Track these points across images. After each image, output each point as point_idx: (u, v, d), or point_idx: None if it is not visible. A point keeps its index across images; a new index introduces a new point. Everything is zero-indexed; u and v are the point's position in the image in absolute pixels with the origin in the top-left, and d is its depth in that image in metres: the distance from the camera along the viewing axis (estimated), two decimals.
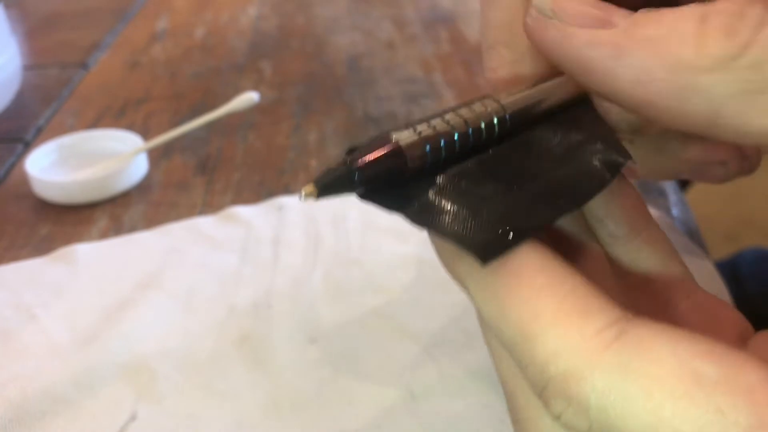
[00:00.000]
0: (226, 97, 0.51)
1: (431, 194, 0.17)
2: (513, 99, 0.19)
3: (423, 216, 0.17)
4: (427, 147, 0.17)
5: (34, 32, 0.74)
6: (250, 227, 0.40)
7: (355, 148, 0.16)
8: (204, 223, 0.41)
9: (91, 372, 0.31)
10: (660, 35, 0.14)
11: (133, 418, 0.29)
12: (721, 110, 0.14)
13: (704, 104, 0.14)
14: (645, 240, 0.20)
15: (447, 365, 0.31)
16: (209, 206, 0.43)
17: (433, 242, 0.18)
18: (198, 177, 0.46)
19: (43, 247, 0.40)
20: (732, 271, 0.59)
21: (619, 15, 0.15)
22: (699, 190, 0.95)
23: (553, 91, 0.20)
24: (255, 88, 0.57)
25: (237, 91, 0.53)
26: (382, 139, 0.16)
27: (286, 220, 0.41)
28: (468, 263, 0.17)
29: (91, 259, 0.38)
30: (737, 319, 0.19)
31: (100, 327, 0.34)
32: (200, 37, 0.70)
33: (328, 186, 0.16)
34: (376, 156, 0.16)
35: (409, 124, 0.17)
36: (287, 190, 0.45)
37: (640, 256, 0.20)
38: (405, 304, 0.35)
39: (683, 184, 0.74)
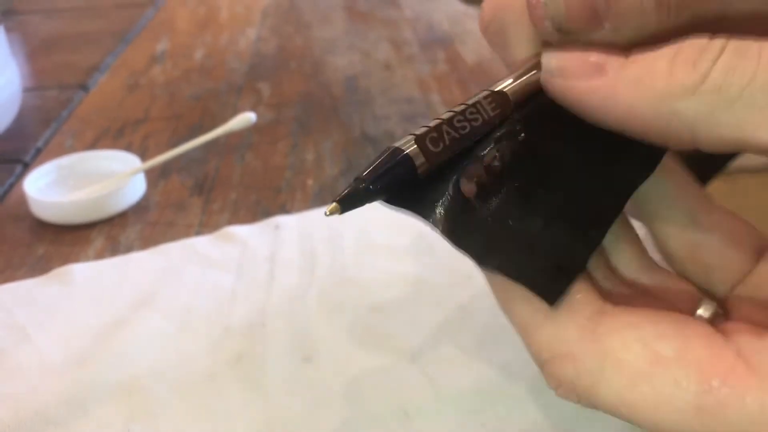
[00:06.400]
0: (224, 118, 0.51)
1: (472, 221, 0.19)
2: (504, 83, 0.20)
3: (476, 252, 0.18)
4: (427, 140, 0.18)
5: (35, 54, 0.74)
6: (245, 246, 0.40)
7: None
8: (200, 242, 0.41)
9: (84, 392, 0.31)
10: (641, 74, 0.17)
11: None
12: (696, 127, 0.17)
13: (682, 124, 0.17)
14: (708, 227, 0.21)
15: (443, 384, 0.31)
16: (206, 226, 0.43)
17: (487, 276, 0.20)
18: (195, 197, 0.47)
19: (39, 267, 0.40)
20: None
21: (612, 61, 0.18)
22: None
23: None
24: (253, 108, 0.57)
25: (235, 111, 0.53)
26: (383, 150, 0.18)
27: (282, 239, 0.41)
28: (523, 297, 0.19)
29: (87, 279, 0.38)
30: (756, 234, 0.22)
31: (94, 347, 0.33)
32: (199, 59, 0.71)
33: (347, 201, 0.18)
34: (379, 162, 0.18)
35: (407, 134, 0.19)
36: (284, 209, 0.45)
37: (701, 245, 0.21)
38: (400, 323, 0.35)
39: None
